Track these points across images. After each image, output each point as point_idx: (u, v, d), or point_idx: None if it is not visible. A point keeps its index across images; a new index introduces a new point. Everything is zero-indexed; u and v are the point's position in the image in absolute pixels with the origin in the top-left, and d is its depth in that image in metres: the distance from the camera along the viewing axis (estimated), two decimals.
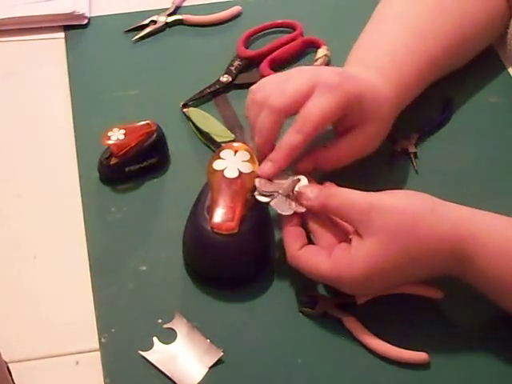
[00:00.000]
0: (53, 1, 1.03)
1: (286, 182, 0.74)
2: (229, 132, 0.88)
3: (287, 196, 0.74)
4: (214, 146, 0.87)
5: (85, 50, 1.01)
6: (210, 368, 0.69)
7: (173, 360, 0.70)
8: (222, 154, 0.77)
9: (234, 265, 0.75)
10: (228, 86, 0.95)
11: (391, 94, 0.81)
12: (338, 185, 0.74)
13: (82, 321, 0.73)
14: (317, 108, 0.75)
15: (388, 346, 0.70)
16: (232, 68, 0.96)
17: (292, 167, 0.76)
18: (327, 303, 0.73)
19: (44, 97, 0.95)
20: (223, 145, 0.80)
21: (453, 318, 0.73)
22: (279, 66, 0.97)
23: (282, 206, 0.73)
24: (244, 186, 0.75)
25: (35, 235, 0.80)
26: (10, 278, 0.77)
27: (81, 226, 0.80)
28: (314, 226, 0.73)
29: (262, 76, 0.95)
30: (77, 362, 0.71)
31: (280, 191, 0.74)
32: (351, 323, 0.71)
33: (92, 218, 0.81)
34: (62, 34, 1.02)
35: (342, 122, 0.79)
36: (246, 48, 0.99)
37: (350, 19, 0.91)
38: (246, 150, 0.77)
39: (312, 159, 0.78)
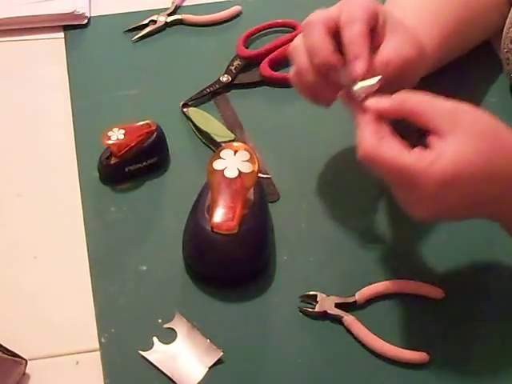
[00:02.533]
0: (53, 1, 1.03)
1: (367, 80, 0.69)
2: (229, 132, 0.88)
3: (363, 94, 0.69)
4: (213, 146, 0.87)
5: (85, 50, 1.01)
6: (210, 368, 0.70)
7: (173, 360, 0.70)
8: (221, 154, 0.77)
9: (233, 265, 0.75)
10: (228, 86, 0.95)
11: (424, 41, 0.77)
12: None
13: (82, 321, 0.73)
14: (356, 3, 0.71)
15: (388, 345, 0.70)
16: (232, 68, 0.96)
17: None
18: (327, 303, 0.73)
19: (44, 97, 0.95)
20: (223, 145, 0.80)
21: (453, 318, 0.73)
22: (279, 65, 0.97)
23: (357, 99, 0.69)
24: (244, 185, 0.75)
25: (35, 235, 0.80)
26: (10, 277, 0.77)
27: (81, 226, 0.80)
28: (386, 129, 0.67)
29: (262, 76, 0.95)
30: (77, 362, 0.71)
31: (359, 85, 0.69)
32: (351, 323, 0.71)
33: (92, 217, 0.81)
34: (61, 34, 1.02)
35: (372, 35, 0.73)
36: (246, 48, 0.99)
37: None
38: (246, 150, 0.77)
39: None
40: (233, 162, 0.76)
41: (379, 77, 0.70)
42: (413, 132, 0.88)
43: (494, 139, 0.65)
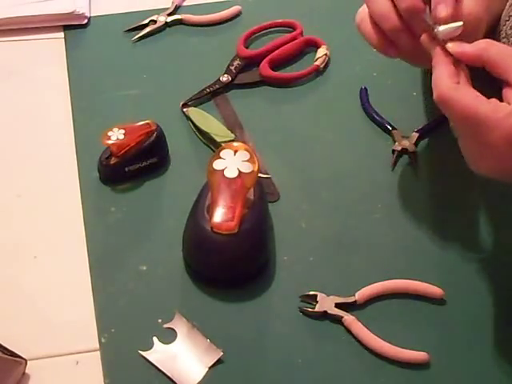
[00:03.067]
0: (53, 0, 1.03)
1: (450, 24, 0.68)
2: (229, 132, 0.88)
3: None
4: (213, 146, 0.87)
5: (85, 50, 1.01)
6: (210, 368, 0.70)
7: (173, 360, 0.70)
8: (221, 154, 0.77)
9: (233, 265, 0.75)
10: (228, 86, 0.95)
11: None
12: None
13: (82, 321, 0.73)
14: None
15: (388, 345, 0.70)
16: (232, 68, 0.96)
17: None
18: (327, 303, 0.73)
19: (44, 97, 0.95)
20: (223, 144, 0.80)
21: (453, 318, 0.73)
22: (279, 65, 0.97)
23: (441, 39, 0.68)
24: (244, 185, 0.75)
25: (35, 235, 0.80)
26: (10, 278, 0.77)
27: (81, 226, 0.80)
28: (462, 76, 0.66)
29: (262, 76, 0.95)
30: (77, 362, 0.71)
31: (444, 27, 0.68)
32: (351, 323, 0.71)
33: (92, 217, 0.81)
34: (61, 34, 1.02)
35: None
36: (246, 48, 0.99)
37: (349, 19, 0.90)
38: (246, 150, 0.77)
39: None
40: (233, 162, 0.76)
41: (461, 22, 0.68)
42: (413, 132, 0.88)
43: None
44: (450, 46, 0.67)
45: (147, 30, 1.02)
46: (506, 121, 0.62)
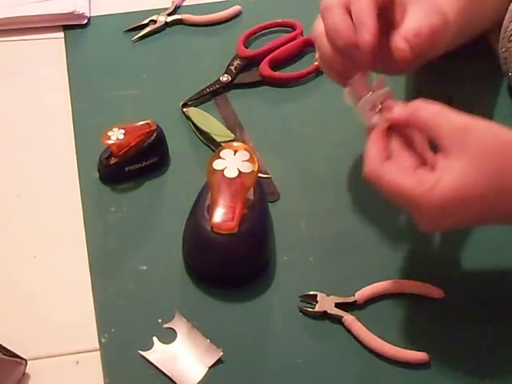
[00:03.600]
0: (53, 0, 1.03)
1: (375, 92, 0.71)
2: (229, 132, 0.88)
3: (375, 106, 0.70)
4: (213, 146, 0.87)
5: (84, 50, 1.01)
6: (210, 368, 0.70)
7: (173, 360, 0.70)
8: (221, 154, 0.77)
9: (233, 264, 0.75)
10: (228, 86, 0.95)
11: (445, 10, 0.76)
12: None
13: (82, 321, 0.73)
14: None
15: (388, 345, 0.70)
16: (232, 68, 0.96)
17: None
18: (327, 303, 0.73)
19: (44, 97, 0.95)
20: (223, 144, 0.80)
21: (453, 318, 0.73)
22: (279, 65, 0.97)
23: (366, 114, 0.70)
24: (244, 185, 0.75)
25: (35, 235, 0.80)
26: (10, 277, 0.77)
27: (81, 226, 0.80)
28: (396, 146, 0.68)
29: (262, 76, 0.95)
30: (77, 362, 0.71)
31: (366, 99, 0.70)
32: (351, 323, 0.71)
33: (92, 217, 0.81)
34: (61, 34, 1.02)
35: (393, 9, 0.73)
36: (246, 48, 0.99)
37: None
38: (246, 150, 0.77)
39: (400, 34, 0.71)
40: (233, 162, 0.76)
41: (385, 89, 0.70)
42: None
43: (505, 158, 0.64)
44: (377, 117, 0.69)
45: (147, 29, 1.02)
46: (431, 194, 0.63)
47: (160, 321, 0.73)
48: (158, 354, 0.70)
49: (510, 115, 0.92)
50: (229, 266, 0.75)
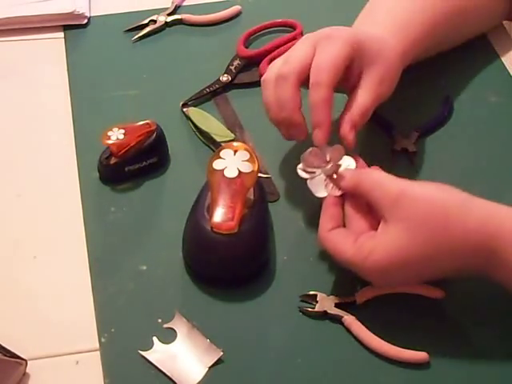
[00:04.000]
0: (53, 0, 1.03)
1: (329, 164, 0.75)
2: (229, 132, 0.88)
3: (328, 177, 0.75)
4: (213, 146, 0.87)
5: (84, 50, 1.01)
6: (210, 368, 0.70)
7: (173, 360, 0.70)
8: (221, 154, 0.77)
9: (233, 264, 0.75)
10: (228, 86, 0.95)
11: (397, 46, 0.82)
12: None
13: (82, 321, 0.73)
14: (325, 56, 0.76)
15: (388, 345, 0.70)
16: (232, 67, 0.96)
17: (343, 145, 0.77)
18: (327, 303, 0.73)
19: (44, 97, 0.95)
20: (223, 144, 0.80)
21: (453, 318, 0.73)
22: None
23: (318, 188, 0.75)
24: (244, 185, 0.75)
25: (35, 235, 0.80)
26: (10, 277, 0.77)
27: (80, 226, 0.80)
28: (349, 210, 0.73)
29: (262, 75, 0.95)
30: (77, 362, 0.71)
31: (321, 171, 0.75)
32: (351, 323, 0.71)
33: (92, 217, 0.81)
34: (61, 34, 1.02)
35: (350, 70, 0.78)
36: (246, 47, 0.99)
37: (349, 19, 0.90)
38: (246, 150, 0.77)
39: (348, 122, 0.78)
40: (233, 162, 0.76)
41: (340, 157, 0.76)
42: (412, 131, 0.88)
43: (437, 222, 0.67)
44: (329, 189, 0.75)
45: (147, 29, 1.02)
46: (367, 262, 0.68)
47: (160, 321, 0.73)
48: (158, 354, 0.70)
49: (510, 115, 0.92)
50: (229, 266, 0.75)
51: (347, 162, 0.76)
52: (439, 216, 0.67)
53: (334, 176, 0.75)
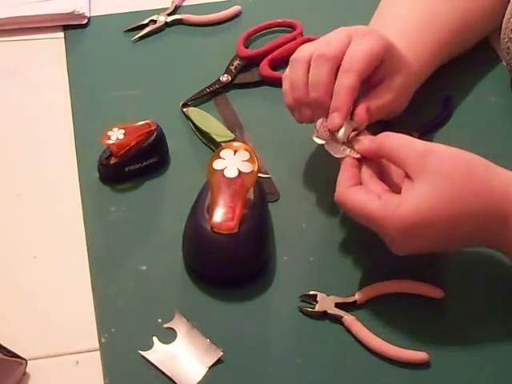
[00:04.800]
0: (53, 0, 1.03)
1: (343, 128, 0.75)
2: (229, 132, 0.88)
3: (343, 143, 0.75)
4: (213, 146, 0.87)
5: (84, 50, 1.01)
6: (210, 368, 0.70)
7: (173, 360, 0.70)
8: (221, 154, 0.77)
9: (233, 264, 0.75)
10: (228, 86, 0.95)
11: (414, 62, 0.83)
12: None
13: (82, 321, 0.73)
14: (360, 48, 0.76)
15: (388, 345, 0.70)
16: (232, 67, 0.96)
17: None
18: (327, 303, 0.73)
19: (44, 97, 0.95)
20: (223, 144, 0.80)
21: (453, 318, 0.73)
22: (279, 65, 0.97)
23: (335, 149, 0.75)
24: (244, 185, 0.75)
25: (35, 235, 0.80)
26: (10, 278, 0.77)
27: (80, 226, 0.80)
28: (366, 174, 0.72)
29: (262, 76, 0.95)
30: (77, 362, 0.71)
31: (337, 135, 0.75)
32: (351, 323, 0.71)
33: (92, 217, 0.81)
34: (61, 34, 1.02)
35: (375, 72, 0.78)
36: (246, 47, 0.99)
37: (349, 19, 0.90)
38: (246, 150, 0.77)
39: (365, 106, 0.77)
40: (233, 162, 0.76)
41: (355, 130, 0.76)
42: (412, 131, 0.88)
43: (463, 179, 0.67)
44: (348, 151, 0.75)
45: (147, 29, 1.02)
46: (393, 216, 0.67)
47: (160, 321, 0.73)
48: (158, 353, 0.70)
49: (510, 115, 0.92)
50: (229, 266, 0.75)
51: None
52: (465, 173, 0.68)
53: (351, 138, 0.75)
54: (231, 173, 0.75)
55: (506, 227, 0.68)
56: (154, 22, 1.03)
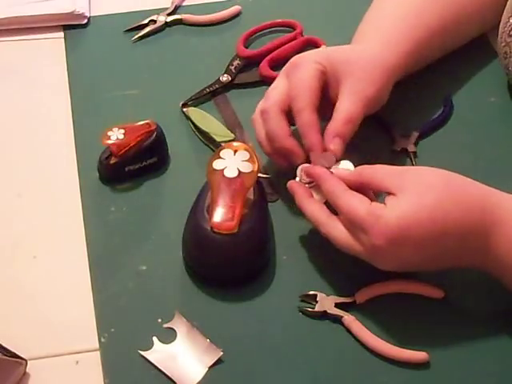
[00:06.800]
0: (53, 0, 1.03)
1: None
2: (228, 132, 0.88)
3: None
4: (213, 146, 0.87)
5: (84, 50, 1.01)
6: (210, 368, 0.70)
7: (173, 360, 0.70)
8: (221, 154, 0.77)
9: (233, 264, 0.75)
10: (228, 86, 0.95)
11: (390, 59, 0.84)
12: None
13: (82, 321, 0.73)
14: (296, 82, 0.79)
15: (388, 345, 0.70)
16: (232, 67, 0.96)
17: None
18: (327, 303, 0.73)
19: (44, 96, 0.95)
20: (223, 144, 0.80)
21: (453, 318, 0.73)
22: (279, 65, 0.96)
23: (317, 195, 0.76)
24: (244, 185, 0.75)
25: (35, 235, 0.80)
26: (10, 278, 0.77)
27: (80, 226, 0.80)
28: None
29: (262, 76, 0.95)
30: (77, 362, 0.71)
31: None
32: (351, 323, 0.71)
33: (92, 217, 0.81)
34: (61, 34, 1.02)
35: (330, 89, 0.81)
36: (246, 47, 0.99)
37: (349, 19, 0.90)
38: (246, 150, 0.77)
39: (330, 132, 0.79)
40: (233, 162, 0.76)
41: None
42: (412, 131, 0.88)
43: (442, 188, 0.69)
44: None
45: (147, 29, 1.02)
46: (379, 222, 0.68)
47: (160, 321, 0.73)
48: (158, 353, 0.70)
49: (510, 115, 0.92)
50: (229, 266, 0.75)
51: (346, 165, 0.77)
52: (443, 184, 0.70)
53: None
54: (231, 173, 0.75)
55: (488, 243, 0.68)
56: (154, 21, 1.03)
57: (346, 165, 0.77)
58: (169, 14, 1.04)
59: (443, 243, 0.68)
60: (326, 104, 0.80)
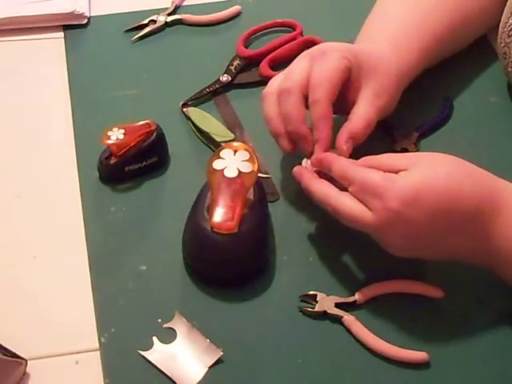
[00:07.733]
0: (53, 0, 1.03)
1: None
2: (228, 132, 0.88)
3: None
4: (213, 146, 0.87)
5: (84, 50, 1.01)
6: (210, 368, 0.70)
7: (173, 360, 0.70)
8: (221, 154, 0.77)
9: (233, 264, 0.75)
10: (228, 86, 0.95)
11: (402, 68, 0.84)
12: None
13: (82, 321, 0.73)
14: (320, 72, 0.77)
15: (388, 345, 0.70)
16: (232, 67, 0.96)
17: None
18: (327, 303, 0.73)
19: (44, 96, 0.95)
20: (223, 144, 0.80)
21: (453, 318, 0.73)
22: (279, 65, 0.97)
23: None
24: (244, 185, 0.75)
25: (35, 235, 0.80)
26: (10, 277, 0.77)
27: (80, 226, 0.80)
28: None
29: (262, 76, 0.95)
30: (77, 362, 0.71)
31: None
32: (351, 323, 0.71)
33: (92, 217, 0.81)
34: (61, 34, 1.02)
35: (349, 86, 0.80)
36: (246, 47, 0.99)
37: (349, 19, 0.91)
38: (246, 150, 0.77)
39: (346, 133, 0.78)
40: (233, 162, 0.76)
41: None
42: (413, 131, 0.89)
43: (455, 164, 0.70)
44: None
45: (147, 29, 1.02)
46: (395, 185, 0.68)
47: (160, 321, 0.73)
48: (158, 353, 0.70)
49: (510, 115, 0.92)
50: (229, 266, 0.75)
51: None
52: (456, 160, 0.71)
53: None
54: (231, 173, 0.75)
55: (494, 222, 0.68)
56: (154, 21, 1.03)
57: None
58: (169, 14, 1.04)
59: (453, 216, 0.68)
60: (340, 98, 0.79)
